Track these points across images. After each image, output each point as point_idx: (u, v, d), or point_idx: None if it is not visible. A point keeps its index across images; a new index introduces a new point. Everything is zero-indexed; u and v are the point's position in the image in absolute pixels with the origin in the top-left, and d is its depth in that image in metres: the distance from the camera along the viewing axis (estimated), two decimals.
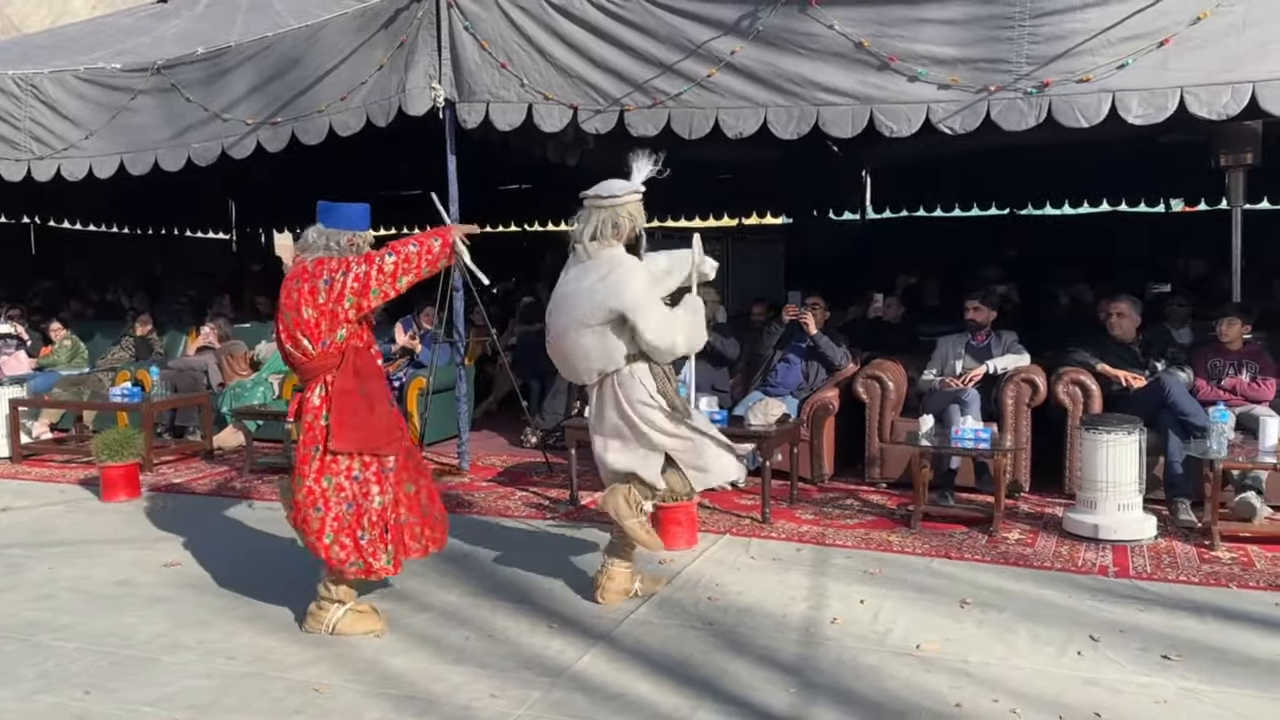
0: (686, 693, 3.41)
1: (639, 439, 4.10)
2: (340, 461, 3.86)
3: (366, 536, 3.89)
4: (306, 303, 3.80)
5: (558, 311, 4.09)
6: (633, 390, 4.04)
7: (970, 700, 3.33)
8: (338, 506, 3.87)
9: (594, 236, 4.02)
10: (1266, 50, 4.87)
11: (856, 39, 5.49)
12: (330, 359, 3.86)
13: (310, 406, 3.89)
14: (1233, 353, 5.86)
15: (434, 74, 6.52)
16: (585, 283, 3.99)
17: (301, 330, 3.83)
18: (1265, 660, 3.60)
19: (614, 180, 4.10)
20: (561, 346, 4.09)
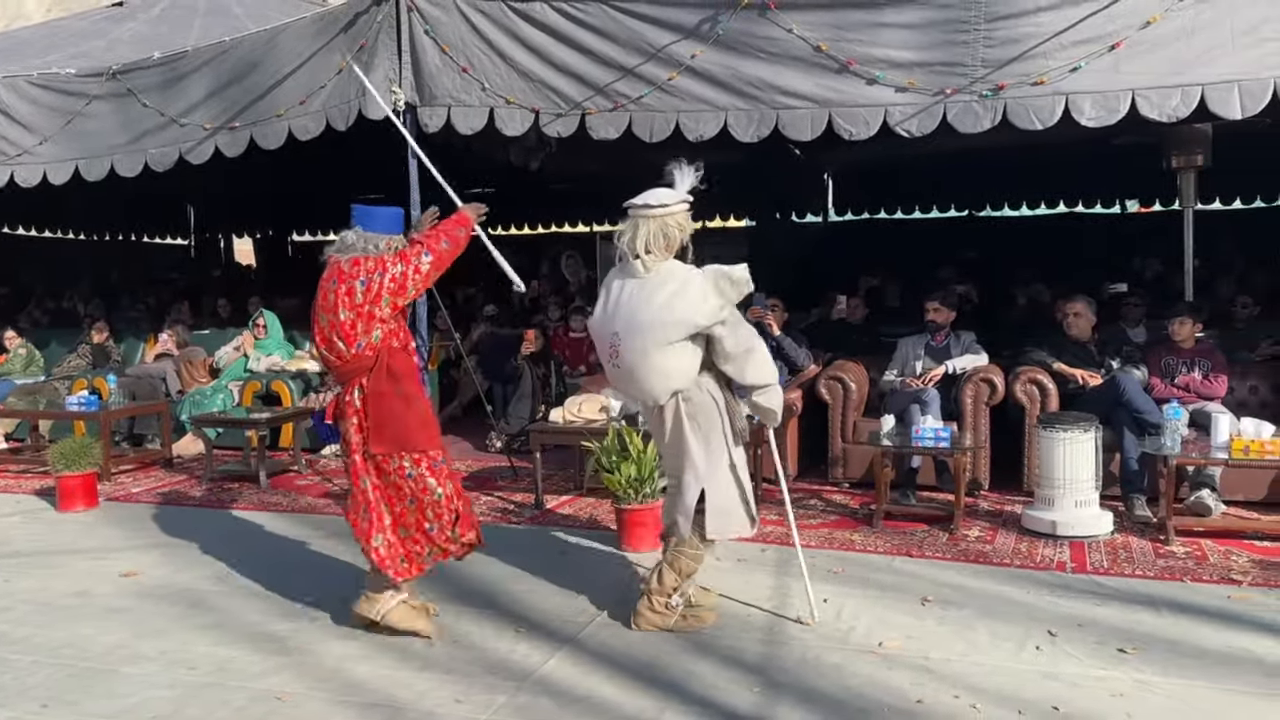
0: (653, 694, 3.42)
1: (686, 470, 3.87)
2: (390, 461, 3.86)
3: (434, 527, 3.91)
4: (344, 304, 3.79)
5: (633, 332, 3.77)
6: (700, 405, 3.85)
7: (931, 696, 3.37)
8: (400, 504, 3.90)
9: (647, 249, 3.80)
10: (1214, 54, 4.97)
11: (815, 43, 5.53)
12: (365, 360, 3.84)
13: (352, 408, 3.87)
14: (1185, 351, 5.97)
15: (394, 78, 6.49)
16: (657, 299, 3.74)
17: (337, 333, 3.81)
18: (1217, 652, 3.68)
19: (661, 189, 3.91)
20: (639, 367, 3.79)
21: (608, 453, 5.06)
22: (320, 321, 3.86)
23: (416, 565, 3.96)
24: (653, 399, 3.87)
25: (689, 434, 3.85)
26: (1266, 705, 3.25)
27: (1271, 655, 3.63)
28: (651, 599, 3.97)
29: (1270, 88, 4.90)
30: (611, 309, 3.89)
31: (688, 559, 3.96)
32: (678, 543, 3.95)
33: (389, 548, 3.91)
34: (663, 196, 3.86)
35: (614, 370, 3.92)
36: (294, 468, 7.21)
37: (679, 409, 3.85)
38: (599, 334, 4.00)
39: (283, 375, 8.16)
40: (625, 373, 3.86)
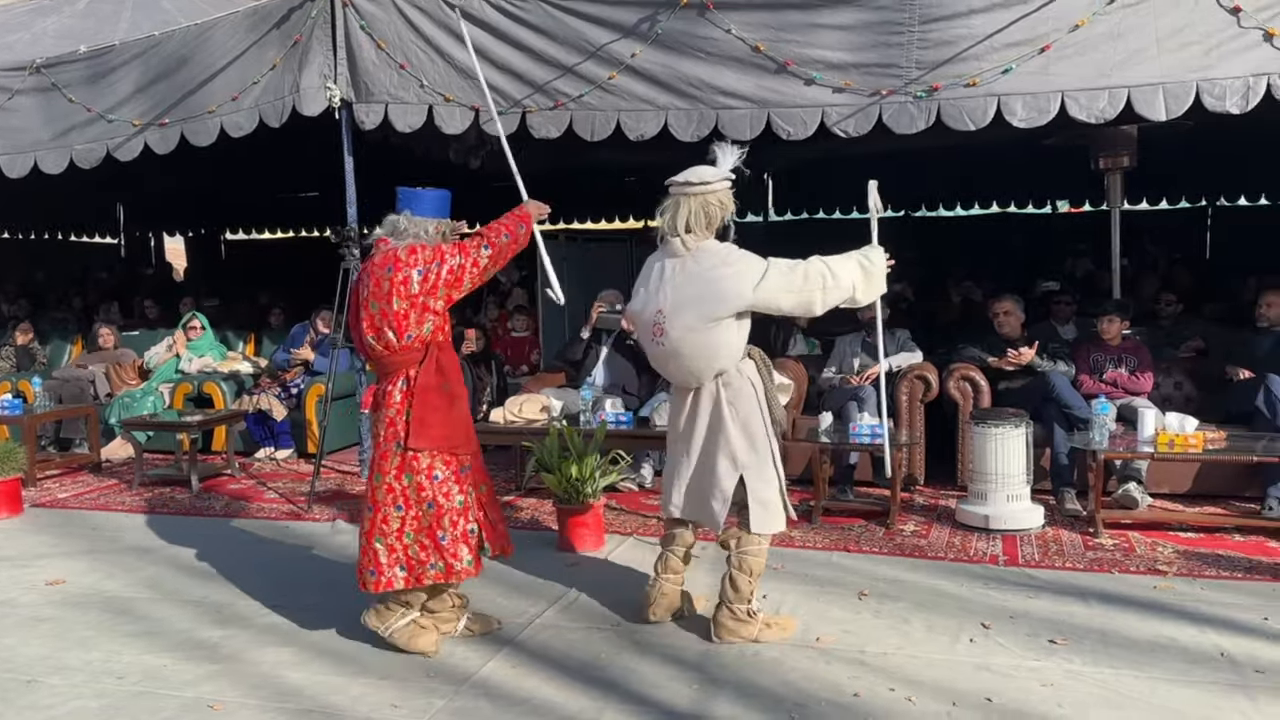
0: (592, 694, 3.42)
1: (726, 453, 3.78)
2: (421, 459, 3.68)
3: (447, 537, 3.71)
4: (398, 294, 3.60)
5: (679, 311, 3.70)
6: (739, 391, 3.78)
7: (868, 690, 3.41)
8: (418, 506, 3.70)
9: (688, 228, 3.74)
10: (1139, 57, 5.09)
11: (753, 43, 5.57)
12: (414, 353, 3.68)
13: (392, 401, 3.70)
14: (1113, 348, 6.13)
15: (329, 74, 6.40)
16: (702, 275, 3.69)
17: (389, 322, 3.63)
18: (1144, 641, 3.77)
19: (703, 166, 3.85)
20: (685, 344, 3.71)
21: (549, 453, 5.04)
22: (370, 309, 3.64)
23: (417, 576, 3.71)
24: (696, 379, 3.80)
25: (728, 419, 3.76)
26: (1188, 692, 3.34)
27: (1194, 643, 3.74)
28: (732, 608, 3.81)
29: (1193, 90, 5.03)
30: (654, 288, 3.81)
31: (753, 558, 3.83)
32: (742, 545, 3.82)
33: (389, 554, 3.71)
34: (704, 174, 3.79)
35: (658, 349, 3.82)
36: (227, 471, 7.07)
37: (718, 393, 3.78)
38: (641, 315, 3.89)
39: (215, 377, 8.00)
40: (670, 352, 3.77)
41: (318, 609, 4.29)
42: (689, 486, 3.91)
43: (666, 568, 4.03)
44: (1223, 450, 5.07)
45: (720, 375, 3.77)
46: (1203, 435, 5.04)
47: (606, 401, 6.04)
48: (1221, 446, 5.07)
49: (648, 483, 6.41)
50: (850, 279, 3.76)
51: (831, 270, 3.73)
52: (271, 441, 7.64)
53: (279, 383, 7.76)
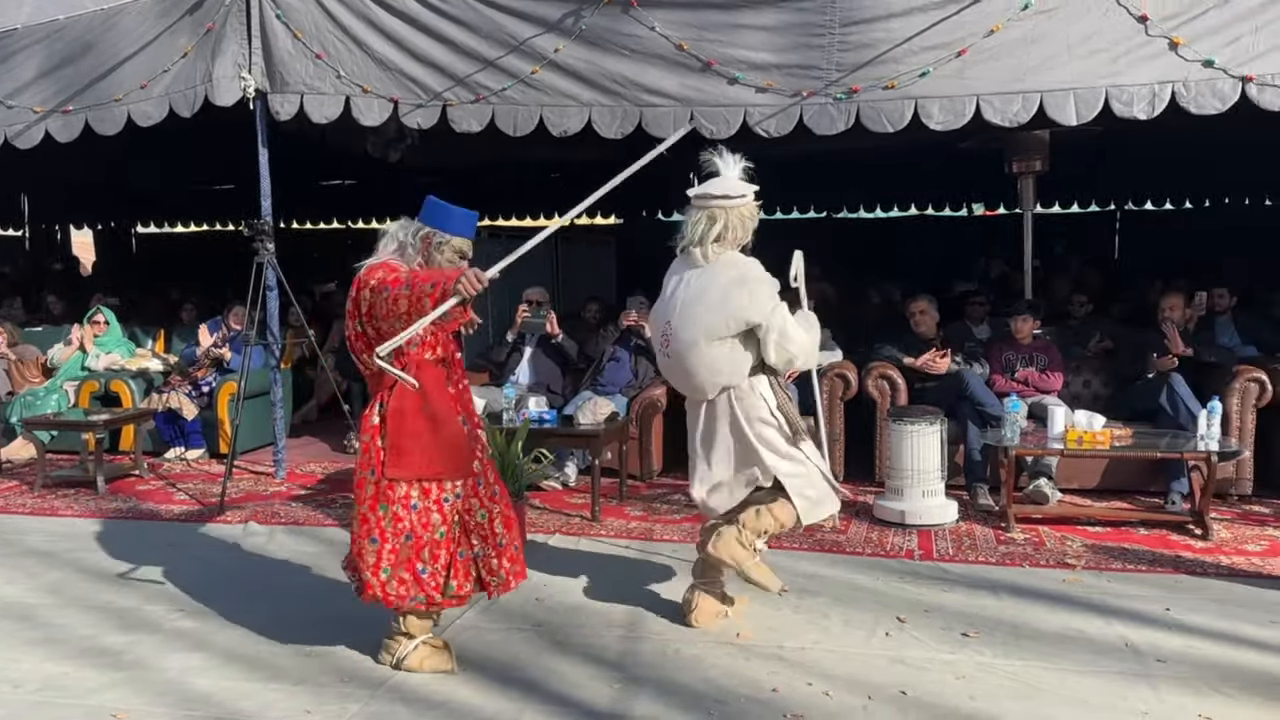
0: (512, 695, 3.38)
1: (751, 461, 3.77)
2: (397, 489, 3.40)
3: (427, 570, 3.46)
4: (362, 314, 3.39)
5: (685, 324, 3.70)
6: (752, 406, 3.75)
7: (786, 685, 3.43)
8: (394, 539, 3.41)
9: (717, 239, 3.69)
10: (1052, 62, 5.23)
11: (677, 41, 5.58)
12: (383, 377, 3.39)
13: (369, 426, 3.45)
14: (1025, 347, 6.29)
15: (243, 63, 6.23)
16: (712, 292, 3.66)
17: (363, 343, 3.42)
18: (1052, 633, 3.87)
19: (727, 179, 3.76)
20: (688, 360, 3.71)
21: None
22: (356, 325, 3.45)
23: (397, 608, 3.53)
24: (701, 392, 3.79)
25: (749, 433, 3.75)
26: (1095, 682, 3.44)
27: (1101, 634, 3.85)
28: (742, 531, 3.80)
29: (1102, 96, 5.19)
30: (668, 299, 3.82)
31: (785, 513, 3.79)
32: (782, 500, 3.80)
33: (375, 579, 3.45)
34: (730, 187, 3.73)
35: (664, 360, 3.88)
36: (135, 472, 6.83)
37: (732, 406, 3.76)
38: (654, 323, 3.93)
39: (123, 374, 7.73)
40: (674, 363, 3.80)
41: (229, 614, 4.17)
42: (721, 492, 3.86)
43: (701, 575, 4.00)
44: (1128, 447, 5.23)
45: (730, 389, 3.74)
46: (1109, 432, 5.20)
47: (530, 400, 5.99)
48: (1127, 443, 5.23)
49: (571, 481, 6.38)
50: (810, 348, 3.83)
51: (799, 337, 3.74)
52: (182, 441, 7.41)
53: (190, 380, 7.54)
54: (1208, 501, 5.19)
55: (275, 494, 6.25)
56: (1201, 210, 11.72)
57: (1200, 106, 5.09)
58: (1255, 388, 5.75)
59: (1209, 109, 5.08)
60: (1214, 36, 5.04)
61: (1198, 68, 5.06)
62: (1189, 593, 4.31)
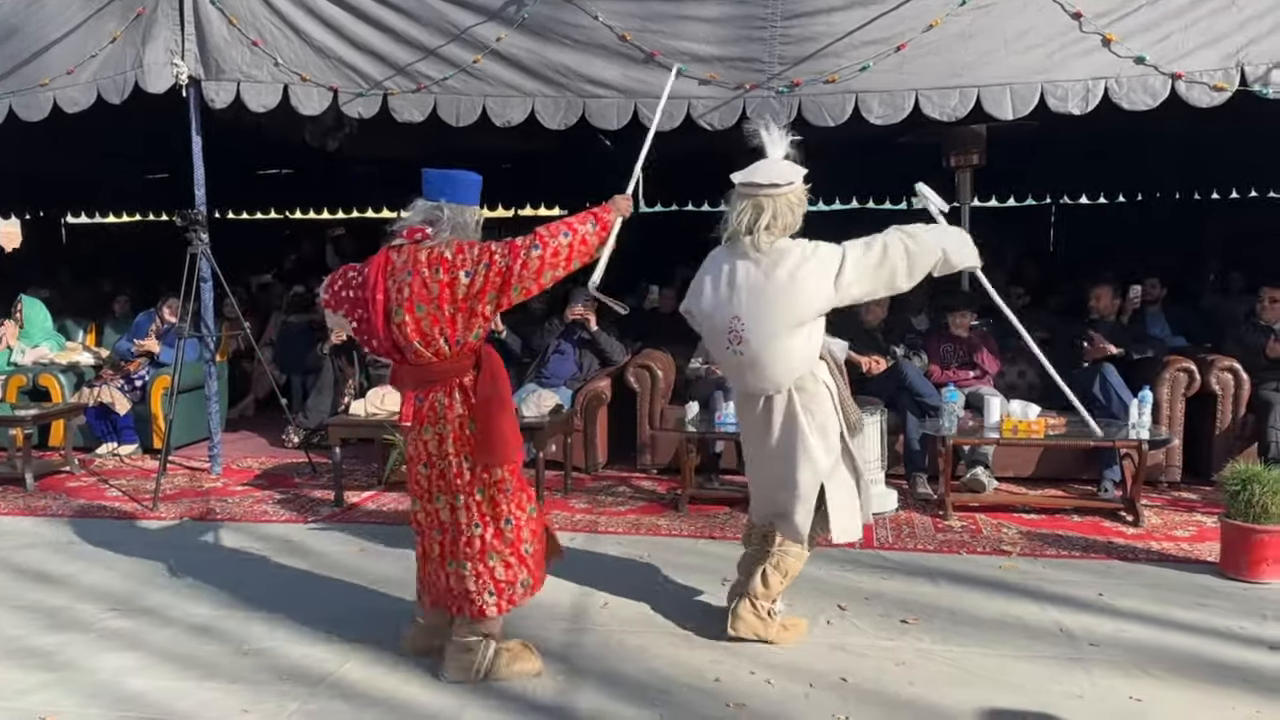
0: (454, 691, 3.35)
1: (803, 466, 3.59)
2: (494, 473, 3.37)
3: (531, 548, 3.46)
4: (446, 297, 3.23)
5: (760, 316, 3.48)
6: (813, 397, 3.58)
7: (729, 674, 3.45)
8: (495, 523, 3.38)
9: (766, 228, 3.48)
10: (989, 58, 5.30)
11: (620, 32, 5.56)
12: (465, 360, 3.34)
13: (453, 414, 3.33)
14: (962, 338, 6.39)
15: (176, 49, 6.09)
16: (780, 280, 3.45)
17: (440, 328, 3.26)
18: (989, 619, 3.94)
19: (774, 163, 3.57)
20: (767, 353, 3.51)
21: None
22: (416, 311, 3.25)
23: (509, 598, 3.42)
24: (775, 386, 3.58)
25: (805, 428, 3.58)
26: (1030, 666, 3.51)
27: (1036, 620, 3.93)
28: (755, 602, 3.67)
29: (1038, 91, 5.27)
30: (725, 293, 3.57)
31: (794, 559, 3.70)
32: (783, 544, 3.69)
33: (477, 579, 3.38)
34: (783, 173, 3.53)
35: (735, 359, 3.59)
36: (65, 468, 6.65)
37: (791, 400, 3.58)
38: (712, 321, 3.64)
39: (52, 368, 7.52)
40: (749, 360, 3.54)
41: (163, 612, 4.09)
42: (768, 495, 3.76)
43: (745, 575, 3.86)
44: (1062, 435, 5.35)
45: (796, 380, 3.58)
46: (1044, 421, 5.30)
47: None
48: (1061, 432, 5.35)
49: None
50: (935, 240, 3.57)
51: (913, 235, 3.52)
52: (114, 437, 7.23)
53: (122, 374, 7.35)
54: (1139, 488, 5.33)
55: (211, 490, 6.12)
56: (1135, 204, 12.00)
57: (1132, 103, 5.20)
58: (1184, 377, 5.92)
59: (1140, 105, 5.20)
60: (1145, 34, 5.15)
61: (1130, 64, 5.17)
62: (1121, 578, 4.42)
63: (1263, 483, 4.30)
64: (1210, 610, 4.01)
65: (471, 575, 3.38)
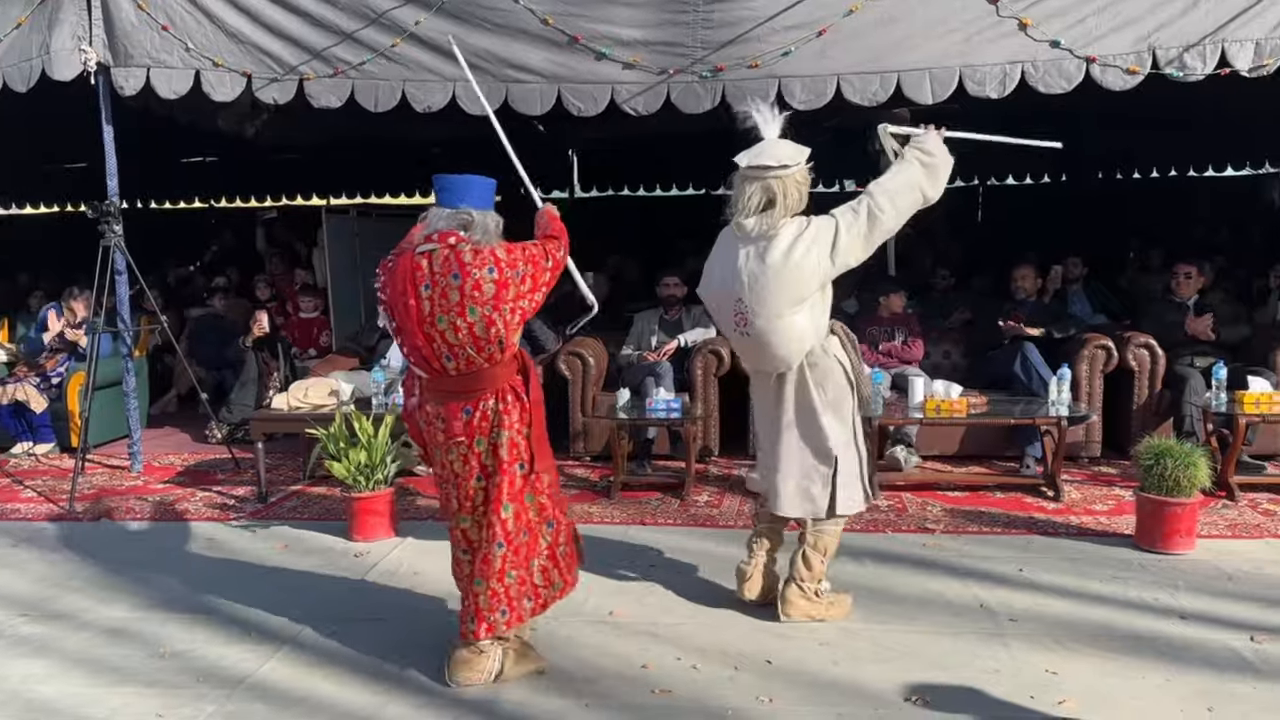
0: (376, 689, 3.30)
1: (815, 441, 3.66)
2: (543, 479, 3.34)
3: (567, 550, 3.44)
4: (504, 299, 3.13)
5: (764, 298, 3.49)
6: (827, 371, 3.62)
7: (656, 660, 3.46)
8: (541, 525, 3.35)
9: (770, 209, 3.49)
10: (908, 43, 5.34)
11: (542, 15, 5.49)
12: (512, 365, 3.27)
13: (509, 421, 3.24)
14: (888, 320, 6.47)
15: (83, 35, 5.88)
16: (779, 258, 3.46)
17: (495, 332, 3.15)
18: (913, 597, 4.00)
19: (776, 143, 3.57)
20: (774, 334, 3.53)
21: (335, 439, 4.83)
22: (469, 315, 3.10)
23: (544, 601, 3.38)
24: (786, 364, 3.61)
25: (818, 403, 3.63)
26: (951, 642, 3.57)
27: (957, 596, 4.00)
28: (802, 585, 3.75)
29: (956, 76, 5.33)
30: (730, 275, 3.58)
31: (830, 537, 3.78)
32: (818, 523, 3.76)
33: (520, 586, 3.32)
34: (783, 155, 3.53)
35: (744, 340, 3.64)
36: None
37: (804, 375, 3.62)
38: (718, 301, 3.69)
39: None
40: (756, 341, 3.58)
41: (77, 616, 3.97)
42: (783, 474, 3.77)
43: (760, 548, 3.93)
44: (984, 414, 5.44)
45: (805, 356, 3.61)
46: (966, 401, 5.38)
47: (400, 384, 5.85)
48: (983, 411, 5.44)
49: None
50: (913, 184, 3.61)
51: (888, 189, 3.57)
52: (30, 435, 6.99)
53: (38, 372, 7.11)
54: (1059, 464, 5.45)
55: (131, 488, 5.95)
56: (1058, 184, 12.25)
57: (1048, 86, 5.28)
58: (1102, 354, 6.05)
59: (1056, 88, 5.28)
60: (1060, 18, 5.23)
61: (1045, 48, 5.25)
62: (1040, 552, 4.52)
63: (1175, 456, 4.42)
64: (1125, 582, 4.12)
65: (515, 584, 3.30)
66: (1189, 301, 6.29)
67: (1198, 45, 5.14)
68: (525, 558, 3.31)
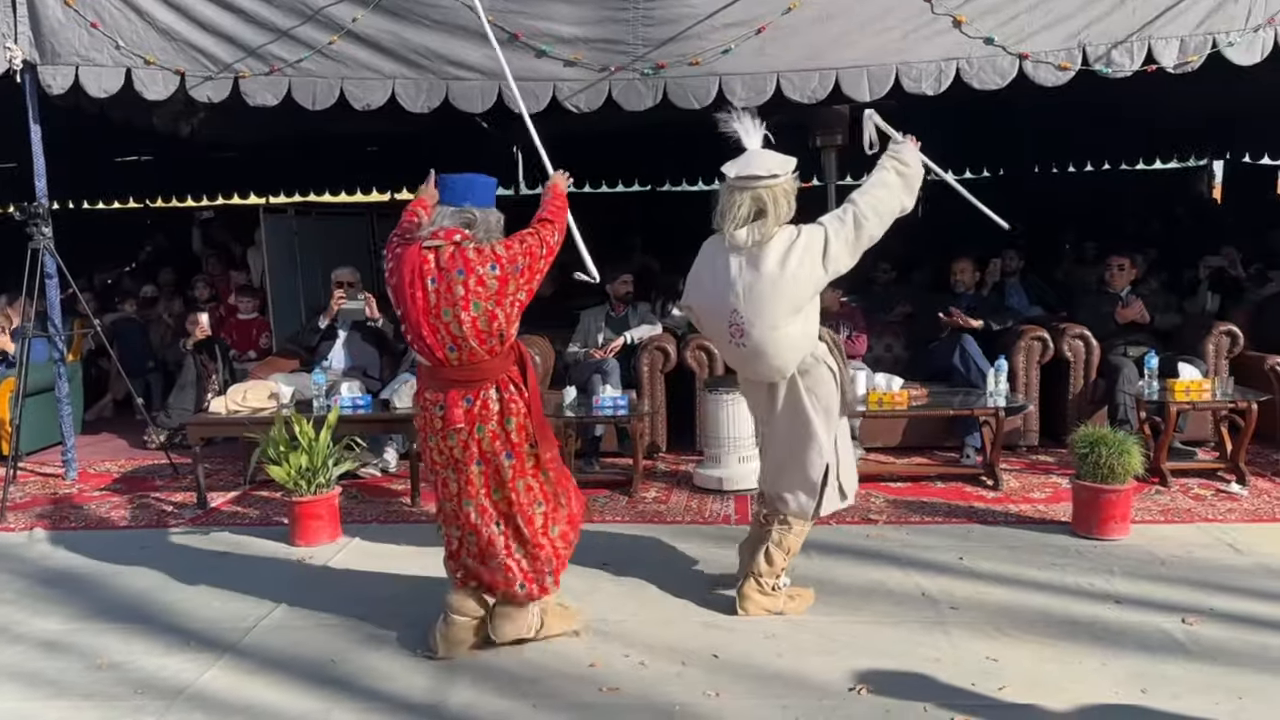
0: (320, 695, 3.26)
1: (810, 447, 3.70)
2: (546, 455, 3.55)
3: (572, 509, 3.68)
4: (505, 293, 3.31)
5: (760, 309, 3.51)
6: (818, 380, 3.67)
7: (604, 659, 3.46)
8: (554, 500, 3.58)
9: (761, 219, 3.52)
10: (846, 40, 5.40)
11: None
12: (510, 355, 3.45)
13: (515, 408, 3.42)
14: (831, 314, 6.52)
15: (8, 32, 5.72)
16: (773, 269, 3.49)
17: (496, 325, 3.32)
18: (857, 588, 4.05)
19: (763, 154, 3.60)
20: (770, 345, 3.55)
21: (275, 443, 4.76)
22: (472, 309, 3.27)
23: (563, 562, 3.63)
24: (780, 374, 3.64)
25: (810, 410, 3.67)
26: (894, 632, 3.62)
27: (901, 586, 4.06)
28: (760, 581, 3.80)
29: (893, 73, 5.40)
30: (722, 286, 3.59)
31: (795, 537, 3.84)
32: (783, 521, 3.81)
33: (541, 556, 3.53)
34: (770, 165, 3.56)
35: (738, 351, 3.64)
36: None
37: (795, 384, 3.66)
38: (710, 314, 3.70)
39: None
40: (752, 352, 3.59)
41: (10, 629, 3.88)
42: (773, 473, 3.85)
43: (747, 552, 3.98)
44: (924, 406, 5.52)
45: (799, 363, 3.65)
46: (906, 393, 5.46)
47: (343, 385, 5.78)
48: (923, 403, 5.52)
49: (391, 467, 6.22)
50: (892, 196, 3.70)
51: (872, 198, 3.65)
52: None
53: None
54: (998, 453, 5.55)
55: (65, 496, 5.81)
56: (997, 179, 12.45)
57: (983, 82, 5.38)
58: (1039, 346, 6.18)
59: (990, 84, 5.38)
60: (993, 15, 5.33)
61: (979, 45, 5.34)
62: (980, 541, 4.60)
63: (1109, 444, 4.52)
64: (1063, 569, 4.21)
65: (535, 553, 3.51)
66: (1122, 292, 6.43)
67: (1125, 42, 5.26)
68: (545, 527, 3.54)
